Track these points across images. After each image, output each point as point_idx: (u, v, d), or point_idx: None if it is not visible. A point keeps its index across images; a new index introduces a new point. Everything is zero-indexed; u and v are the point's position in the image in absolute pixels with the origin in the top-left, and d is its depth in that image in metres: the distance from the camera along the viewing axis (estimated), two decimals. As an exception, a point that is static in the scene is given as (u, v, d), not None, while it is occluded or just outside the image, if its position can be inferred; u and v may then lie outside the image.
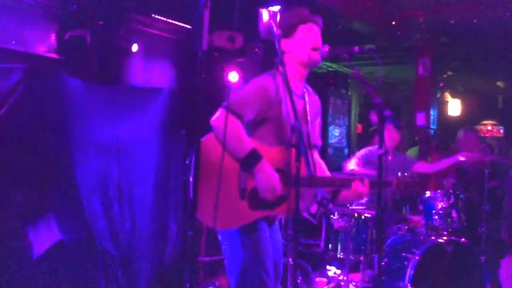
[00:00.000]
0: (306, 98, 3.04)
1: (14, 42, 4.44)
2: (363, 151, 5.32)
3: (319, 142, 3.16)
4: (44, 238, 3.22)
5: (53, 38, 4.84)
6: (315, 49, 2.91)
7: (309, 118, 3.01)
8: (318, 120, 3.19)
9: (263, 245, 2.81)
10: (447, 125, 9.45)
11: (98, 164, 3.54)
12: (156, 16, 5.62)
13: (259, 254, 2.78)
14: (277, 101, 2.84)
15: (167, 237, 4.17)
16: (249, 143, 2.73)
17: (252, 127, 2.86)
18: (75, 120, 3.44)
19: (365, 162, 4.98)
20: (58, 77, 3.40)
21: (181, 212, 4.13)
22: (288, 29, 2.94)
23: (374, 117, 2.74)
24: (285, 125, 2.84)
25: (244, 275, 2.78)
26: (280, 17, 2.92)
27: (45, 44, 4.78)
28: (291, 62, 2.93)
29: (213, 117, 2.74)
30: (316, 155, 3.11)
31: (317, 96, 3.21)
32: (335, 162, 7.36)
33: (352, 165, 5.10)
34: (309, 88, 3.15)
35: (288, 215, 2.89)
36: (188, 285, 2.40)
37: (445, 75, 9.57)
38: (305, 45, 2.91)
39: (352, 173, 4.45)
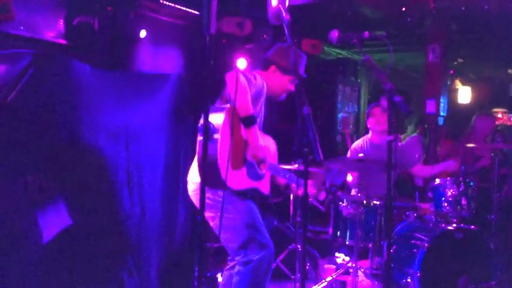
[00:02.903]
0: None
1: (22, 27, 4.44)
2: (357, 142, 5.32)
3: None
4: (54, 223, 3.23)
5: (61, 23, 4.83)
6: (286, 92, 3.50)
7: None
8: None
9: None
10: (457, 113, 9.38)
11: (107, 150, 3.54)
12: (164, 2, 5.59)
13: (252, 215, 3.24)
14: (262, 97, 3.34)
15: (176, 223, 4.18)
16: (251, 108, 3.17)
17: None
18: (84, 105, 3.43)
19: (357, 153, 4.97)
20: (67, 62, 3.39)
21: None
22: (271, 64, 3.46)
23: (384, 102, 2.73)
24: (260, 119, 3.37)
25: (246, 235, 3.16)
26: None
27: (53, 30, 4.77)
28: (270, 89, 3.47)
29: (228, 73, 3.14)
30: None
31: None
32: (343, 149, 7.34)
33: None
34: None
35: (265, 192, 3.43)
36: (197, 270, 2.40)
37: (455, 63, 9.48)
38: (280, 85, 3.46)
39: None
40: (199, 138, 3.08)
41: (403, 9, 7.14)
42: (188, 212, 4.26)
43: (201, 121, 2.78)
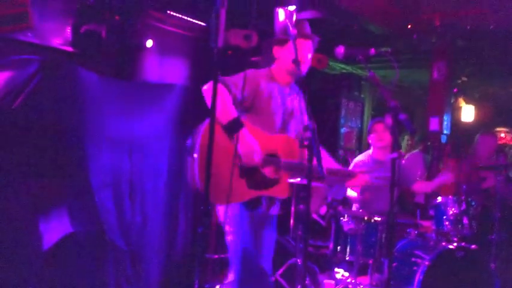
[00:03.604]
0: (293, 96, 3.36)
1: (30, 34, 4.47)
2: (358, 157, 5.32)
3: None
4: (55, 230, 3.23)
5: (69, 31, 4.86)
6: (298, 62, 3.13)
7: (295, 114, 3.34)
8: (302, 105, 3.43)
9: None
10: (460, 131, 9.38)
11: (110, 158, 3.56)
12: (172, 13, 5.63)
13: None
14: (267, 95, 3.17)
15: (177, 233, 4.18)
16: (234, 112, 2.98)
17: (243, 114, 3.13)
18: (90, 113, 3.45)
19: (359, 168, 4.96)
20: (73, 70, 3.42)
21: (191, 209, 4.14)
22: (281, 39, 3.23)
23: (389, 120, 2.73)
24: (273, 119, 3.18)
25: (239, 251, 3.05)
26: (279, 27, 3.05)
27: (61, 37, 4.81)
28: (280, 67, 3.29)
29: (205, 86, 3.02)
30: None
31: (299, 91, 3.46)
32: (345, 164, 7.33)
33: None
34: (294, 86, 3.44)
35: (282, 197, 3.17)
36: (197, 282, 2.40)
37: (459, 81, 9.49)
38: (290, 57, 3.14)
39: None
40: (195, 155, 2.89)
41: (409, 26, 7.18)
42: (189, 222, 4.26)
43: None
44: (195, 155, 2.85)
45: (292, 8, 3.26)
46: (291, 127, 3.32)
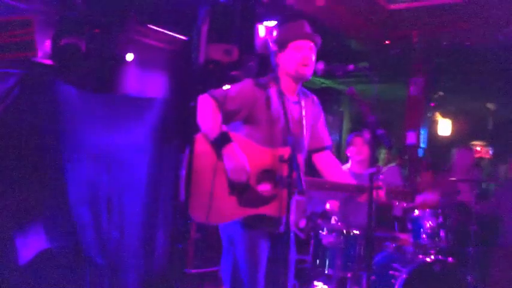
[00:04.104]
0: (302, 104, 3.15)
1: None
2: None
3: (328, 142, 3.30)
4: (31, 245, 3.19)
5: (48, 44, 4.84)
6: (303, 65, 3.01)
7: (304, 122, 3.11)
8: (321, 121, 3.28)
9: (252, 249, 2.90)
10: (437, 145, 9.51)
11: (88, 173, 3.53)
12: (152, 26, 5.64)
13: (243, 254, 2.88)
14: (266, 105, 2.98)
15: (155, 248, 4.15)
16: (221, 127, 2.85)
17: (242, 126, 3.01)
18: (68, 127, 3.43)
19: None
20: (52, 83, 3.40)
21: (170, 223, 4.12)
22: (281, 43, 3.05)
23: (367, 135, 2.77)
24: (275, 129, 2.98)
25: (234, 271, 2.89)
26: (277, 30, 2.98)
27: (40, 50, 4.78)
28: (282, 74, 3.06)
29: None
30: (328, 155, 3.28)
31: (315, 98, 3.30)
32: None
33: None
34: (307, 92, 3.26)
35: (277, 215, 2.88)
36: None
37: (436, 95, 9.66)
38: (293, 60, 3.02)
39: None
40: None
41: (387, 42, 7.30)
42: (167, 236, 4.23)
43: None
44: (183, 172, 2.73)
45: (272, 23, 3.31)
46: (301, 136, 3.09)
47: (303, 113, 3.13)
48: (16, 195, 3.14)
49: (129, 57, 5.25)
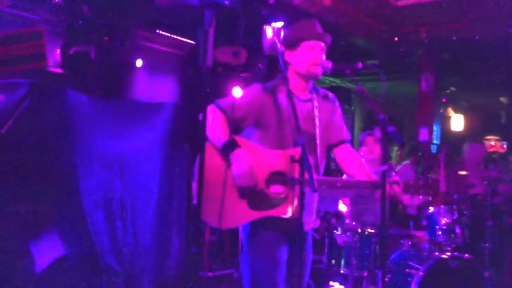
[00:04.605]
0: (315, 103, 3.13)
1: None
2: None
3: (347, 136, 3.27)
4: (47, 253, 3.22)
5: (58, 53, 4.88)
6: (315, 64, 3.00)
7: (317, 121, 3.09)
8: (337, 116, 3.26)
9: (266, 252, 2.91)
10: (450, 140, 9.45)
11: (101, 179, 3.55)
12: (160, 32, 5.67)
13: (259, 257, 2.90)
14: (275, 107, 2.98)
15: (169, 252, 4.16)
16: (227, 135, 2.86)
17: (254, 130, 3.01)
18: (80, 134, 3.45)
19: None
20: (63, 92, 3.42)
21: (184, 227, 4.13)
22: (292, 42, 3.04)
23: (378, 133, 2.77)
24: (286, 131, 2.98)
25: (251, 275, 2.90)
26: (287, 29, 2.95)
27: (50, 59, 4.82)
28: (292, 73, 3.06)
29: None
30: (347, 149, 3.24)
31: (330, 94, 3.28)
32: (339, 175, 7.35)
33: None
34: (320, 89, 3.24)
35: (290, 216, 2.84)
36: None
37: (447, 91, 9.59)
38: (305, 60, 3.01)
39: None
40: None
41: (396, 39, 7.26)
42: (181, 240, 4.24)
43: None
44: (195, 177, 2.76)
45: (279, 24, 3.30)
46: (314, 134, 3.06)
47: (315, 111, 3.11)
48: (30, 204, 3.17)
49: (139, 63, 5.28)
